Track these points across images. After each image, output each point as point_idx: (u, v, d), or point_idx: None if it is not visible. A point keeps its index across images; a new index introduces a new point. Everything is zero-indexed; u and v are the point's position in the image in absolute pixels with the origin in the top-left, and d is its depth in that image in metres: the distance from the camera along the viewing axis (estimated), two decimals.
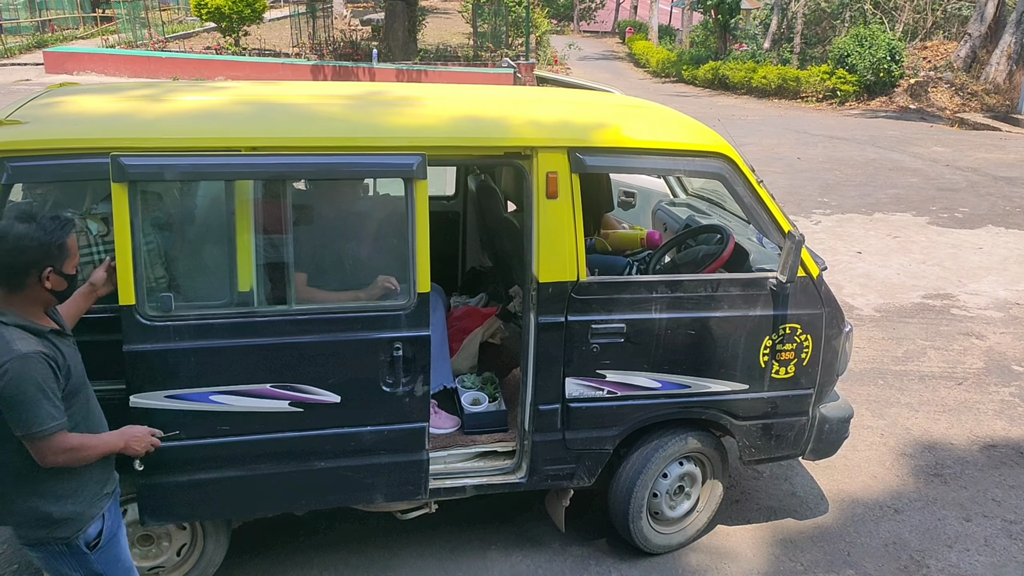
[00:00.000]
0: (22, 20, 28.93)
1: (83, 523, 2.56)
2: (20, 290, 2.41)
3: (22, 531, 2.55)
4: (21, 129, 3.00)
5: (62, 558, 2.57)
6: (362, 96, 3.77)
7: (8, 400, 2.32)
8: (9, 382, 2.30)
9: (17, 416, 2.34)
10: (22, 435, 2.36)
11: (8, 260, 2.37)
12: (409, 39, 24.32)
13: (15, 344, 2.35)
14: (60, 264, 2.44)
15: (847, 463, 4.78)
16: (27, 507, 2.50)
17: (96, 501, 2.61)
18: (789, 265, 3.46)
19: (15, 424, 2.35)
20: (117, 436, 2.63)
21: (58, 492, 2.51)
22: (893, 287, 7.86)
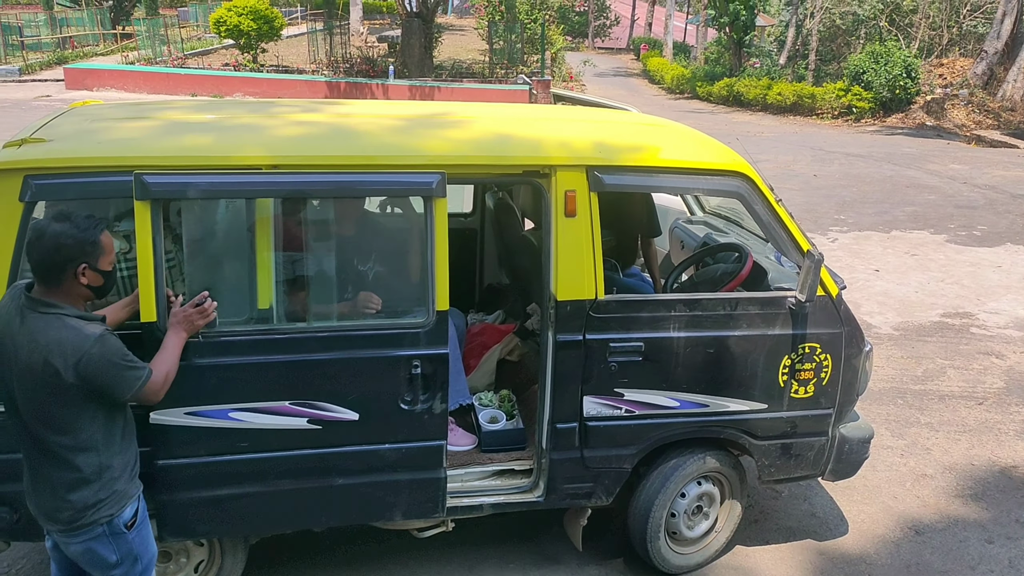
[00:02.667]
0: (43, 37, 29.33)
1: (124, 502, 2.67)
2: (58, 285, 2.52)
3: (70, 518, 2.61)
4: (45, 147, 3.03)
5: (102, 539, 2.66)
6: (382, 115, 3.79)
7: (108, 376, 2.50)
8: (99, 363, 2.47)
9: (117, 386, 2.54)
10: (132, 395, 2.57)
11: (45, 256, 2.49)
12: (425, 56, 24.49)
13: (87, 329, 2.50)
14: (95, 260, 2.54)
15: (867, 484, 4.73)
16: (81, 491, 2.59)
17: (133, 480, 2.73)
18: (808, 284, 3.44)
19: (120, 392, 2.55)
20: (176, 333, 2.82)
21: (111, 473, 2.63)
22: (911, 305, 7.81)
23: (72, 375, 2.45)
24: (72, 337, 2.47)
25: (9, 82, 24.09)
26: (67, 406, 2.52)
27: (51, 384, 2.47)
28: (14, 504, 3.10)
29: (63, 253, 2.48)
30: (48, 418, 2.54)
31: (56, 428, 2.55)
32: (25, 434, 2.61)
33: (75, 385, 2.46)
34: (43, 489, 2.64)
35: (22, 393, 2.54)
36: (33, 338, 2.48)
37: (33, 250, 2.50)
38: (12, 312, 2.55)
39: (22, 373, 2.51)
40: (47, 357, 2.45)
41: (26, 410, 2.56)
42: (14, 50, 27.18)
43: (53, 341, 2.46)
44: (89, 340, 2.48)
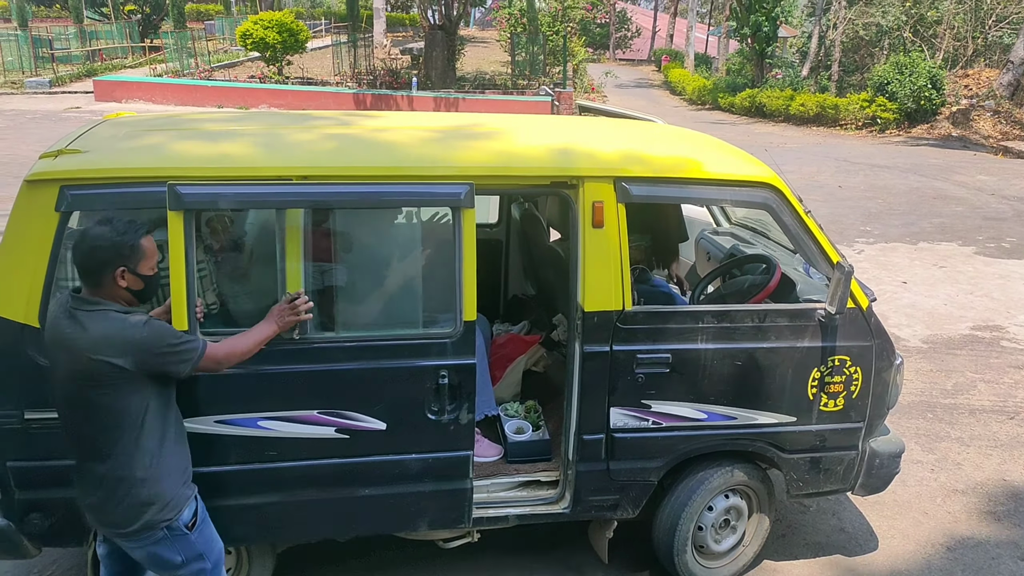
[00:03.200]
0: (73, 49, 29.79)
1: (182, 504, 2.72)
2: (100, 287, 2.60)
3: (127, 521, 2.65)
4: (80, 158, 3.08)
5: (164, 543, 2.70)
6: (410, 126, 3.81)
7: (161, 353, 2.58)
8: (151, 344, 2.56)
9: (174, 359, 2.61)
10: (191, 369, 2.65)
11: (84, 259, 2.58)
12: (448, 68, 24.64)
13: (131, 318, 2.59)
14: (134, 264, 2.62)
15: (896, 499, 4.67)
16: (136, 494, 2.63)
17: (188, 482, 2.78)
18: (838, 296, 3.41)
19: (179, 365, 2.62)
20: (267, 323, 2.90)
21: (159, 474, 2.66)
22: (940, 318, 7.72)
23: (128, 362, 2.52)
24: (119, 327, 2.55)
25: (40, 94, 24.50)
26: (116, 402, 2.56)
27: (101, 379, 2.52)
28: (46, 510, 3.13)
29: (99, 256, 2.56)
30: (101, 420, 2.59)
31: (109, 430, 2.60)
32: (78, 440, 2.65)
33: (132, 373, 2.53)
34: (99, 495, 2.67)
35: (75, 396, 2.59)
36: (82, 335, 2.54)
37: (76, 252, 2.59)
38: (60, 316, 2.61)
39: (74, 374, 2.56)
40: (99, 351, 2.51)
41: (79, 414, 2.61)
42: (44, 63, 27.63)
43: (101, 335, 2.53)
44: (136, 326, 2.56)
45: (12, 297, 2.97)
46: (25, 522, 3.13)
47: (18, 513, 3.12)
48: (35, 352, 2.97)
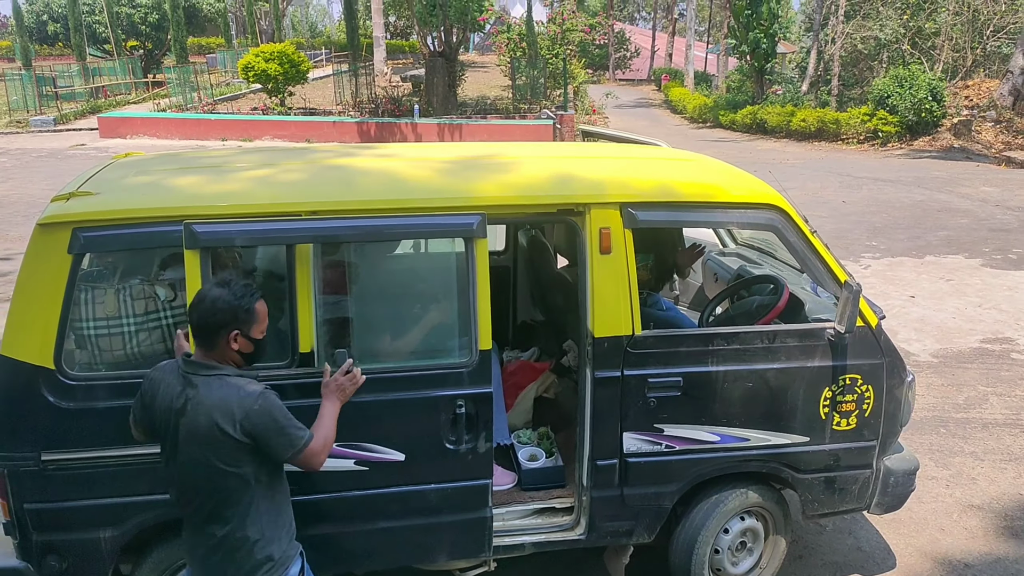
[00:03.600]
0: (77, 87, 30.12)
1: (287, 564, 2.73)
2: (213, 349, 2.63)
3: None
4: (92, 200, 3.11)
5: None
6: (417, 158, 3.85)
7: (270, 432, 2.56)
8: (263, 420, 2.55)
9: (281, 441, 2.59)
10: (294, 454, 2.61)
11: (202, 320, 2.60)
12: (449, 94, 24.84)
13: (248, 387, 2.59)
14: (247, 328, 2.65)
15: (913, 516, 4.65)
16: (249, 554, 2.64)
17: (292, 541, 2.78)
18: (847, 315, 3.42)
19: (282, 449, 2.60)
20: (331, 401, 2.86)
21: (277, 534, 2.69)
22: (950, 331, 7.71)
23: (239, 432, 2.52)
24: (235, 395, 2.55)
25: (45, 132, 24.74)
26: (232, 467, 2.56)
27: (218, 444, 2.52)
28: (63, 552, 3.14)
29: (218, 318, 2.58)
30: (213, 482, 2.58)
31: (229, 493, 2.60)
32: (193, 500, 2.65)
33: (241, 443, 2.52)
34: (216, 557, 2.66)
35: (188, 459, 2.59)
36: (198, 401, 2.55)
37: (193, 312, 2.62)
38: (172, 381, 2.63)
39: (188, 438, 2.56)
40: (213, 417, 2.52)
41: (198, 476, 2.60)
42: (49, 101, 27.92)
43: (218, 400, 2.54)
44: (252, 396, 2.55)
45: (27, 340, 3.00)
46: (43, 564, 3.14)
47: (36, 555, 3.13)
48: (50, 394, 3.00)
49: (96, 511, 3.12)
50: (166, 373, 2.69)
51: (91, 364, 3.13)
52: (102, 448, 3.07)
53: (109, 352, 3.14)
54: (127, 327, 3.14)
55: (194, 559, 2.74)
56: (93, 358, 3.13)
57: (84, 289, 3.10)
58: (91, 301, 3.11)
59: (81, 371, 3.08)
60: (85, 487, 3.09)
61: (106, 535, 3.15)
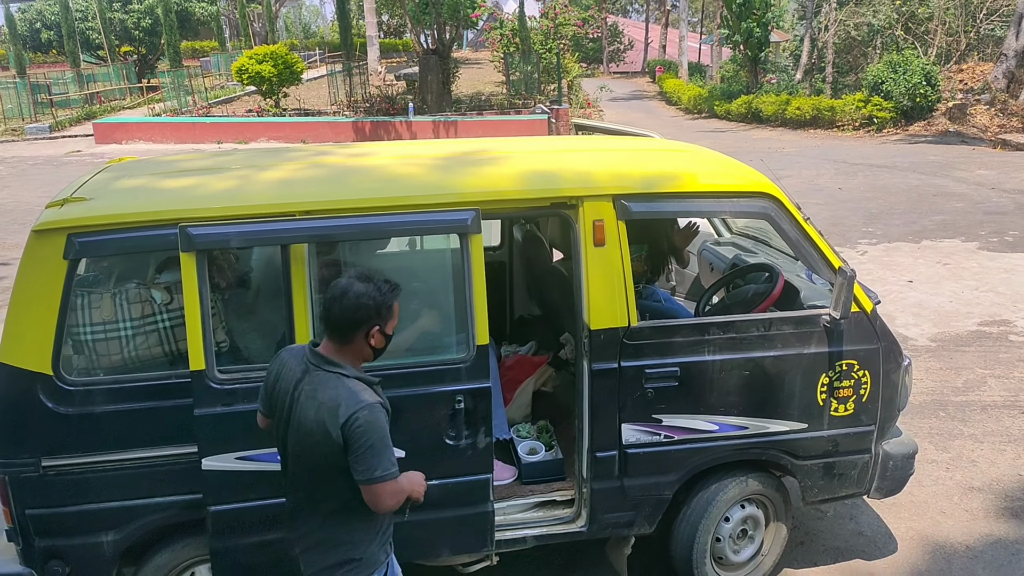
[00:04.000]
0: (71, 93, 30.08)
1: (373, 567, 2.68)
2: (349, 344, 2.58)
3: (322, 572, 2.65)
4: (86, 206, 3.13)
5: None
6: (408, 155, 3.86)
7: (361, 446, 2.46)
8: (361, 429, 2.46)
9: (365, 461, 2.47)
10: (367, 479, 2.48)
11: (345, 314, 2.54)
12: (443, 91, 24.81)
13: (362, 395, 2.52)
14: (384, 324, 2.60)
15: (913, 500, 4.67)
16: (336, 551, 2.63)
17: (383, 547, 2.73)
18: (842, 301, 3.43)
19: (362, 468, 2.47)
20: (408, 484, 2.67)
21: (367, 537, 2.65)
22: (947, 315, 7.72)
23: (338, 434, 2.46)
24: (347, 397, 2.50)
25: (40, 139, 24.71)
26: (331, 464, 2.53)
27: (321, 441, 2.50)
28: (65, 557, 3.16)
29: (362, 313, 2.54)
30: (314, 476, 2.59)
31: (320, 486, 2.59)
32: (296, 487, 2.67)
33: (338, 445, 2.48)
34: (307, 544, 2.67)
35: (295, 449, 2.60)
36: (312, 394, 2.53)
37: (335, 305, 2.55)
38: (295, 367, 2.62)
39: (297, 428, 2.57)
40: (321, 414, 2.49)
41: (297, 466, 2.63)
42: (44, 108, 27.90)
43: (329, 399, 2.50)
44: (361, 404, 2.48)
45: (25, 346, 3.02)
46: (46, 570, 3.16)
47: (39, 561, 3.15)
48: (49, 400, 3.01)
49: (98, 515, 3.14)
50: (292, 356, 2.67)
51: (89, 369, 3.15)
52: (102, 453, 3.09)
53: (107, 357, 3.15)
54: (124, 331, 3.15)
55: (290, 542, 2.76)
56: (91, 363, 3.15)
57: (80, 294, 3.12)
58: (88, 306, 3.12)
59: (79, 376, 3.10)
60: (86, 492, 3.11)
61: (108, 539, 3.17)
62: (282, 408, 2.62)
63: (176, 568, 3.36)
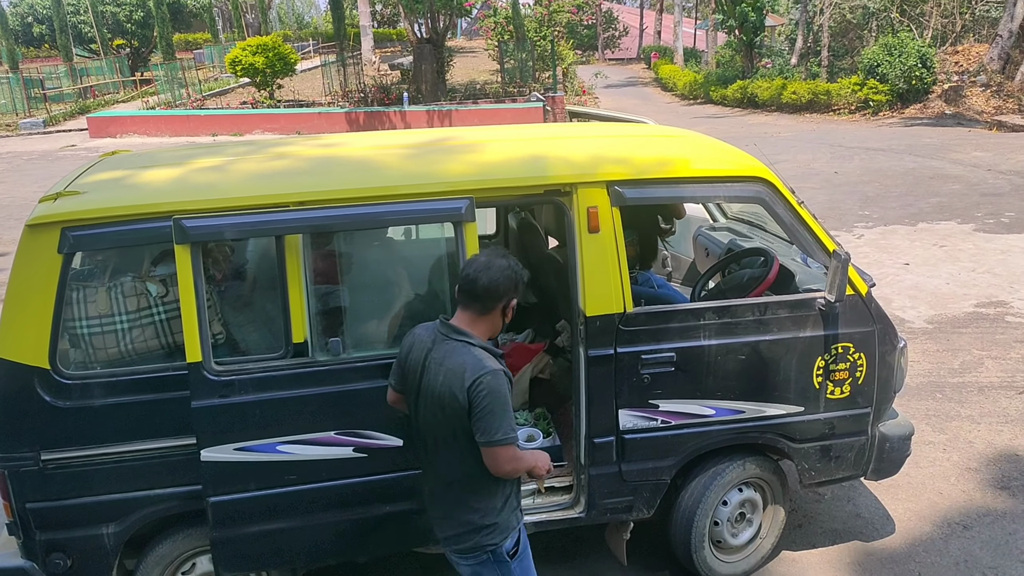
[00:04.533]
0: (65, 88, 29.97)
1: (507, 532, 2.79)
2: (487, 314, 2.71)
3: (458, 539, 2.77)
4: (79, 199, 3.13)
5: (488, 565, 2.80)
6: (403, 145, 3.85)
7: (483, 409, 2.57)
8: (485, 392, 2.57)
9: (487, 424, 2.58)
10: (487, 441, 2.60)
11: (492, 286, 2.67)
12: (438, 80, 24.73)
13: (486, 361, 2.63)
14: (518, 297, 2.76)
15: (911, 481, 4.69)
16: (468, 517, 2.74)
17: (515, 513, 2.84)
18: (837, 284, 3.44)
19: (485, 431, 2.59)
20: (532, 457, 2.78)
21: (493, 503, 2.75)
22: (944, 297, 7.74)
23: (463, 397, 2.58)
24: (473, 363, 2.61)
25: (35, 134, 24.64)
26: (458, 431, 2.64)
27: (448, 406, 2.62)
28: (66, 550, 3.17)
29: (506, 285, 2.68)
30: (445, 443, 2.69)
31: (449, 454, 2.70)
32: (430, 455, 2.78)
33: (464, 409, 2.59)
34: (442, 510, 2.80)
35: (426, 418, 2.71)
36: (441, 362, 2.66)
37: (481, 277, 2.65)
38: (426, 339, 2.75)
39: (427, 397, 2.68)
40: (448, 380, 2.62)
41: (428, 435, 2.74)
42: (37, 103, 27.80)
43: (456, 365, 2.62)
44: (486, 369, 2.60)
45: (22, 341, 3.02)
46: (48, 563, 3.17)
47: (40, 554, 3.16)
48: (47, 394, 3.02)
49: (98, 508, 3.16)
50: (424, 330, 2.78)
51: (86, 363, 3.15)
52: (101, 445, 3.10)
53: (103, 350, 3.16)
54: (120, 324, 3.16)
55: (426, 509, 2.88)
56: (88, 357, 3.15)
57: (76, 288, 3.12)
58: (83, 300, 3.13)
59: (76, 370, 3.11)
60: (86, 484, 3.12)
61: (109, 531, 3.18)
62: (414, 380, 2.74)
63: (177, 559, 3.37)
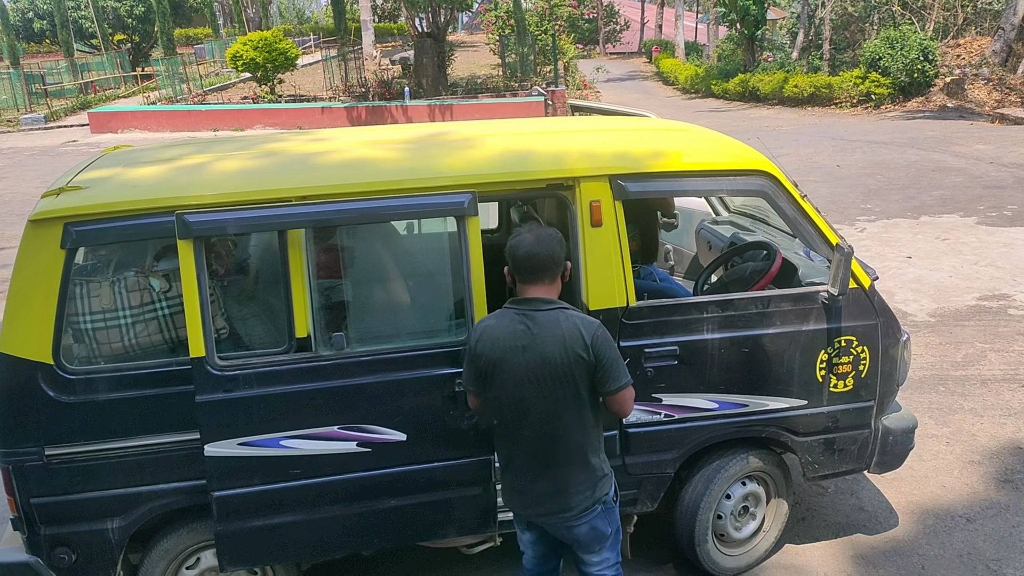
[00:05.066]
0: (66, 83, 29.95)
1: (612, 479, 3.00)
2: (555, 280, 2.87)
3: (576, 504, 2.88)
4: (82, 194, 3.12)
5: (602, 516, 2.95)
6: (405, 139, 3.85)
7: (609, 359, 2.76)
8: (605, 343, 2.76)
9: (616, 371, 2.78)
10: (620, 386, 2.79)
11: (551, 254, 2.81)
12: (439, 74, 24.71)
13: (590, 318, 2.84)
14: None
15: (914, 474, 4.69)
16: (586, 476, 2.88)
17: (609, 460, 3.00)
18: (840, 278, 3.44)
19: (616, 377, 2.78)
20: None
21: (603, 455, 2.95)
22: (946, 290, 7.73)
23: (590, 353, 2.72)
24: (581, 322, 2.77)
25: (36, 130, 24.64)
26: (585, 388, 2.77)
27: (572, 367, 2.73)
28: (71, 544, 3.18)
29: (560, 252, 2.83)
30: (564, 407, 2.78)
31: (569, 417, 2.80)
32: (532, 439, 2.84)
33: (590, 364, 2.73)
34: (551, 485, 2.86)
35: (539, 394, 2.77)
36: (549, 332, 2.74)
37: (540, 249, 2.79)
38: (510, 325, 2.80)
39: (538, 373, 2.75)
40: (566, 343, 2.72)
41: (536, 413, 2.80)
42: (38, 98, 27.81)
43: (570, 328, 2.73)
44: (595, 324, 2.78)
45: (25, 336, 3.02)
46: (53, 558, 3.18)
47: (45, 549, 3.17)
48: (50, 389, 3.02)
49: (102, 502, 3.16)
50: (496, 319, 2.86)
51: (90, 358, 3.16)
52: (105, 440, 3.10)
53: (107, 345, 3.16)
54: (124, 319, 3.16)
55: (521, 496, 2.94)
56: (91, 352, 3.16)
57: (79, 283, 3.12)
58: (86, 295, 3.13)
59: (80, 365, 3.11)
60: (90, 479, 3.13)
61: (114, 526, 3.19)
62: (502, 371, 2.78)
63: (182, 553, 3.38)
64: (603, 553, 3.00)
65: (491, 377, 2.82)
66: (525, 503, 2.94)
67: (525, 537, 3.11)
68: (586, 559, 3.01)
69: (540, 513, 2.93)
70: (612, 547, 3.03)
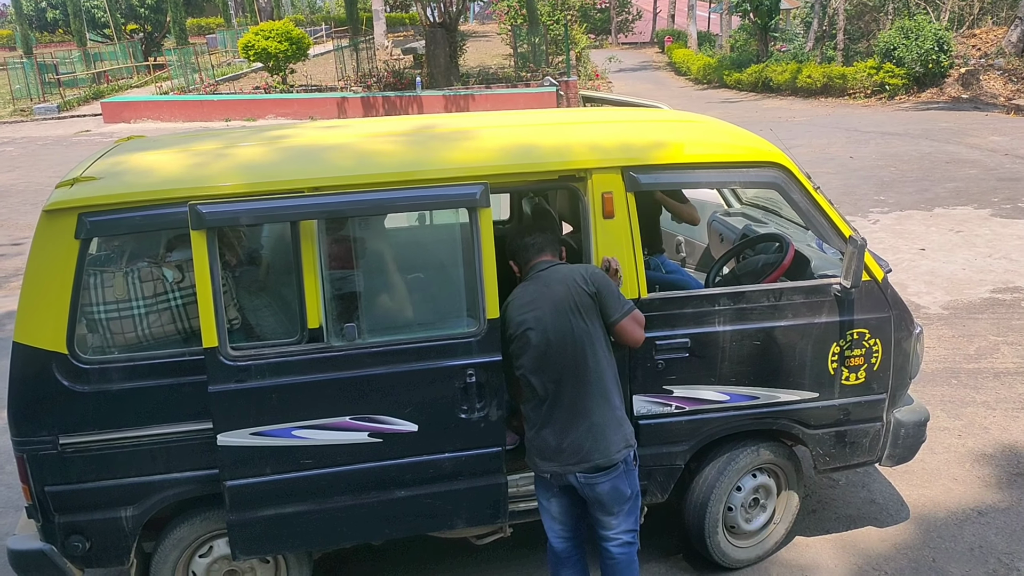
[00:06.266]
0: (79, 73, 30.02)
1: (634, 439, 3.19)
2: (558, 249, 3.29)
3: (610, 454, 3.09)
4: (96, 185, 3.14)
5: (622, 476, 3.13)
6: (417, 130, 3.85)
7: (607, 288, 3.11)
8: (600, 276, 3.14)
9: (616, 300, 3.13)
10: (623, 313, 3.11)
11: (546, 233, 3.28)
12: (451, 64, 24.63)
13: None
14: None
15: (925, 467, 4.67)
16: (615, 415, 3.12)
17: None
18: (853, 270, 3.42)
19: (617, 306, 3.11)
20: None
21: (622, 407, 3.18)
22: (960, 283, 7.68)
23: (588, 284, 3.07)
24: (579, 265, 3.22)
25: (49, 120, 24.71)
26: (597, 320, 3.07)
27: (578, 302, 3.05)
28: (85, 532, 3.21)
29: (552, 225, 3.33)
30: (589, 345, 3.06)
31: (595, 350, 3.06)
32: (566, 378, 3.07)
33: (590, 293, 3.06)
34: (581, 435, 3.07)
35: (559, 335, 3.05)
36: (558, 278, 3.11)
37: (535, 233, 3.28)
38: (523, 290, 3.18)
39: (554, 316, 3.05)
40: (571, 282, 3.07)
41: (567, 348, 3.05)
42: (51, 88, 27.86)
43: (569, 270, 3.14)
44: (588, 265, 3.26)
45: (40, 326, 3.05)
46: (67, 545, 3.21)
47: (59, 537, 3.20)
48: (65, 378, 3.04)
49: (116, 491, 3.19)
50: (517, 291, 3.20)
51: (103, 347, 3.18)
52: (119, 429, 3.13)
53: (120, 335, 3.18)
54: (137, 309, 3.18)
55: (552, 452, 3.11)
56: (105, 341, 3.18)
57: (93, 273, 3.14)
58: (100, 285, 3.15)
59: (94, 355, 3.13)
60: (104, 468, 3.16)
61: (127, 514, 3.22)
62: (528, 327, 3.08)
63: (195, 542, 3.40)
64: (621, 516, 3.16)
65: (523, 339, 3.09)
66: (563, 458, 3.08)
67: (553, 509, 3.25)
68: (605, 521, 3.17)
69: (578, 461, 3.06)
70: (631, 512, 3.18)
